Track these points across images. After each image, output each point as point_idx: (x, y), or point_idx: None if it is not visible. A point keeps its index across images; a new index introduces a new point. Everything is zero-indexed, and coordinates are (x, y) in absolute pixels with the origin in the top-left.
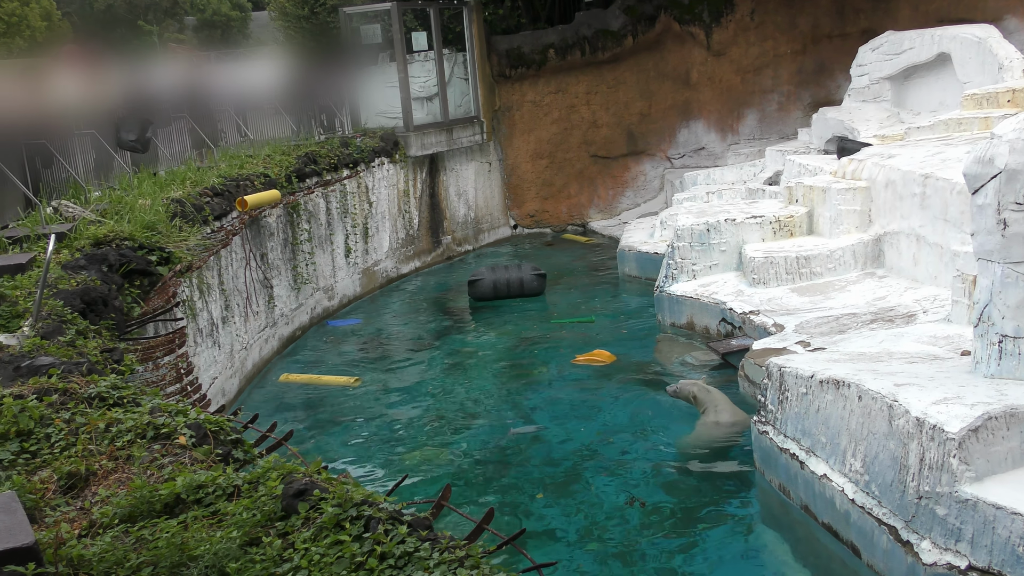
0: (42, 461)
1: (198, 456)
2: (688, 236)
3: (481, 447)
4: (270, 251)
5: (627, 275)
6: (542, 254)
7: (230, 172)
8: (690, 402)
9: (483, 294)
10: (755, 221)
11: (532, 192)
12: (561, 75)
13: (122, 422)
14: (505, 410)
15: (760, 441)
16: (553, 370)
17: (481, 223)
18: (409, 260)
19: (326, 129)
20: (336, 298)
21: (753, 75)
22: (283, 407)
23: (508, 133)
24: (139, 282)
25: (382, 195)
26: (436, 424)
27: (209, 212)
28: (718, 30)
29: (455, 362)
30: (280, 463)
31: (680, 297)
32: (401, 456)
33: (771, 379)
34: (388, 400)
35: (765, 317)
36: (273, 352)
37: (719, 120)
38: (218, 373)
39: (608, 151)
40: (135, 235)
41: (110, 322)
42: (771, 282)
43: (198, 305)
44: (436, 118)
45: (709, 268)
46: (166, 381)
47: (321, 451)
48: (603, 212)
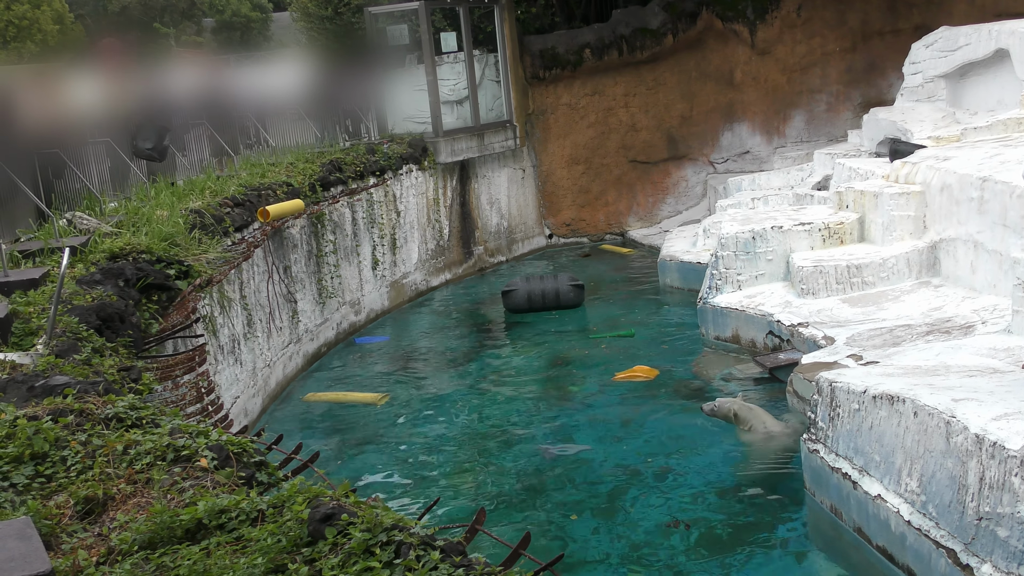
0: (58, 485)
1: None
2: (733, 245)
3: (516, 468)
4: (294, 264)
5: (669, 286)
6: (579, 265)
7: (251, 181)
8: (730, 420)
9: (517, 306)
10: (803, 228)
11: (568, 200)
12: (598, 76)
13: (141, 444)
14: (541, 429)
15: (810, 460)
16: (591, 387)
17: (514, 233)
18: (439, 272)
19: (351, 135)
20: (363, 312)
21: (800, 74)
22: (308, 427)
23: (542, 138)
24: (157, 297)
25: (410, 204)
26: (469, 444)
27: (230, 223)
28: (763, 27)
29: (488, 379)
30: (306, 486)
31: (725, 309)
32: (433, 478)
33: (821, 395)
34: (418, 419)
35: (814, 329)
36: (297, 370)
37: (764, 122)
38: (240, 392)
39: (648, 156)
40: (153, 248)
41: (127, 339)
42: (821, 292)
43: (219, 321)
44: (467, 123)
45: (755, 278)
46: (186, 401)
47: (349, 473)
48: (643, 220)
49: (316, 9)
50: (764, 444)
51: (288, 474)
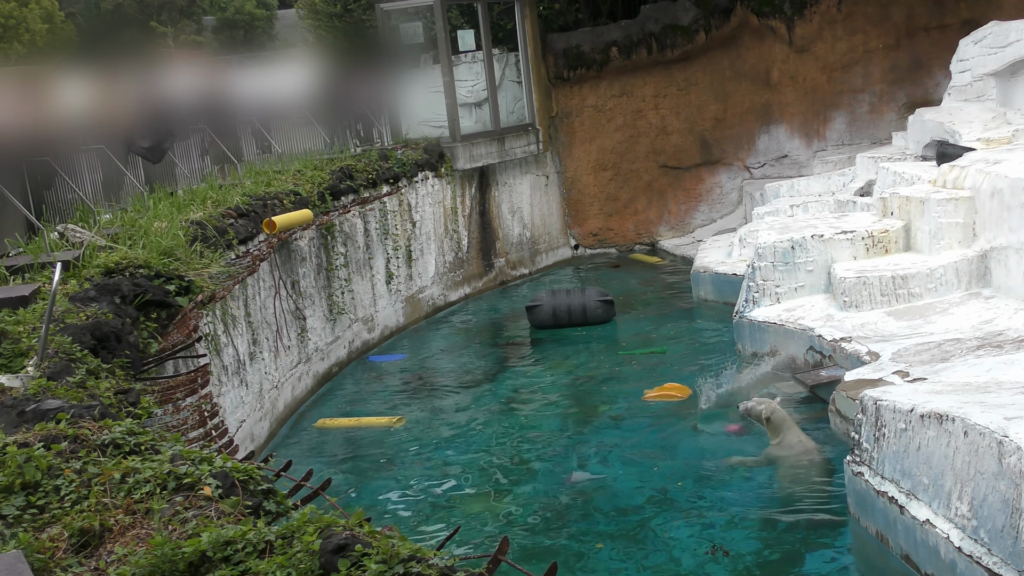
0: (51, 516)
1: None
2: (770, 255)
3: (542, 494)
4: (302, 278)
5: (702, 299)
6: (607, 277)
7: (256, 190)
8: (760, 423)
9: (542, 322)
10: (845, 237)
11: (595, 208)
12: (626, 76)
13: (140, 472)
14: (567, 453)
15: (854, 483)
16: (621, 407)
17: (538, 244)
18: (458, 286)
19: (363, 140)
20: (377, 330)
21: (841, 73)
22: (319, 452)
23: (567, 142)
24: (156, 315)
25: (427, 213)
26: (490, 469)
27: (233, 235)
28: (801, 23)
29: (511, 399)
30: (317, 515)
31: (762, 323)
32: (452, 505)
33: (866, 414)
34: (437, 444)
35: (858, 344)
36: (307, 391)
37: (803, 124)
38: (246, 415)
39: (679, 161)
40: (151, 262)
41: (124, 360)
42: (864, 305)
43: (223, 340)
44: (486, 127)
45: (794, 290)
46: (188, 425)
47: (363, 501)
48: (674, 229)
49: (324, 6)
50: (796, 460)
51: (298, 503)
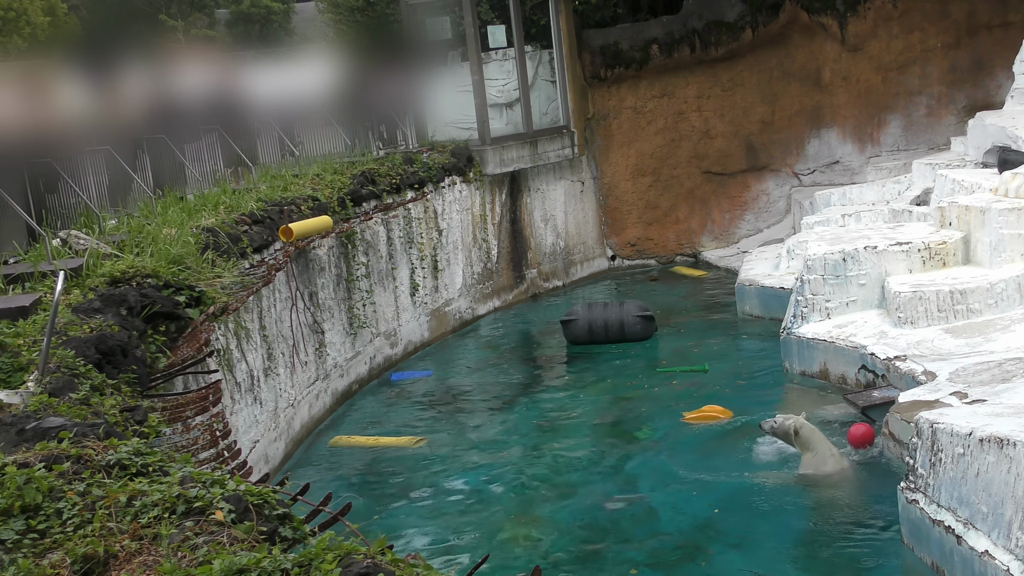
0: (52, 542)
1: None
2: (820, 267)
3: (575, 521)
4: (320, 289)
5: (747, 314)
6: (645, 290)
7: (272, 195)
8: (789, 441)
9: (577, 337)
10: (900, 249)
11: (633, 216)
12: (667, 76)
13: (147, 495)
14: (602, 476)
15: (908, 511)
16: (659, 429)
17: (572, 254)
18: (487, 299)
19: (386, 143)
20: (400, 345)
21: (897, 74)
22: (338, 475)
23: (604, 146)
24: (165, 327)
25: (454, 221)
26: (521, 494)
27: (247, 243)
28: (854, 20)
29: (543, 420)
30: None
31: (811, 340)
32: (480, 532)
33: (921, 437)
34: (464, 466)
35: (913, 363)
36: (325, 410)
37: (856, 128)
38: (260, 435)
39: (724, 166)
40: (159, 271)
41: (131, 375)
42: (920, 321)
43: (235, 355)
44: (518, 129)
45: (846, 305)
46: (199, 445)
47: (385, 527)
48: (718, 239)
49: None
50: (836, 474)
51: (316, 528)
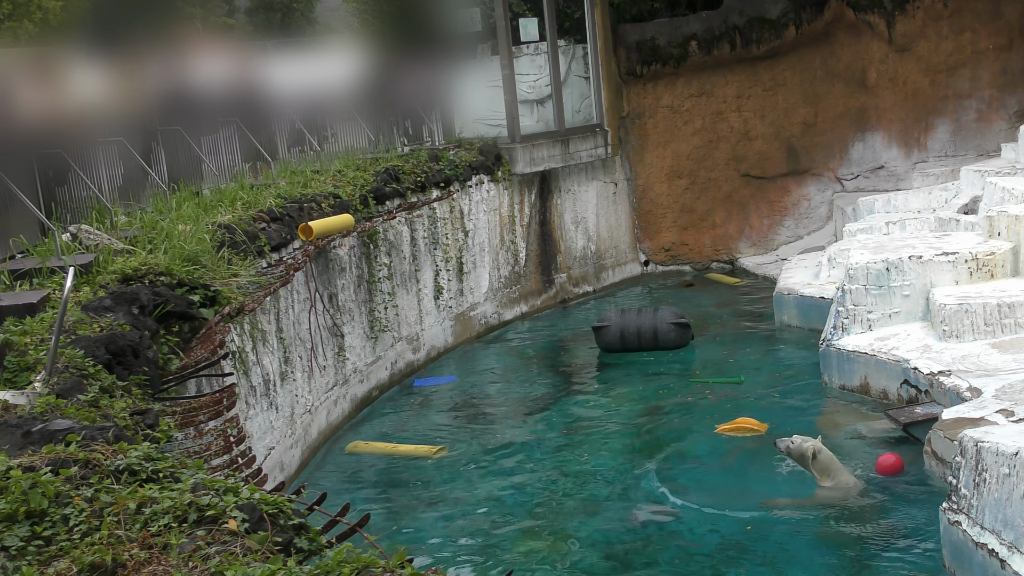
0: (58, 549)
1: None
2: (863, 277)
3: (603, 536)
4: (341, 291)
5: (785, 324)
6: (679, 297)
7: (291, 192)
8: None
9: (609, 344)
10: (947, 259)
11: (668, 220)
12: (705, 74)
13: (157, 502)
14: (631, 491)
15: (950, 533)
16: (692, 442)
17: (604, 258)
18: (514, 303)
19: (411, 139)
20: (422, 350)
21: (946, 76)
22: (356, 484)
23: (638, 146)
24: (178, 328)
25: (481, 222)
26: (547, 506)
27: (265, 241)
28: (902, 19)
29: (571, 430)
30: (354, 555)
31: (852, 353)
32: (504, 546)
33: (965, 456)
34: (488, 476)
35: (958, 379)
36: (343, 416)
37: (902, 132)
38: (276, 442)
39: (763, 170)
40: (173, 269)
41: (142, 377)
42: (966, 335)
43: (251, 357)
44: (549, 126)
45: (888, 317)
46: (212, 451)
47: (405, 539)
48: (756, 246)
49: None
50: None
51: (333, 540)
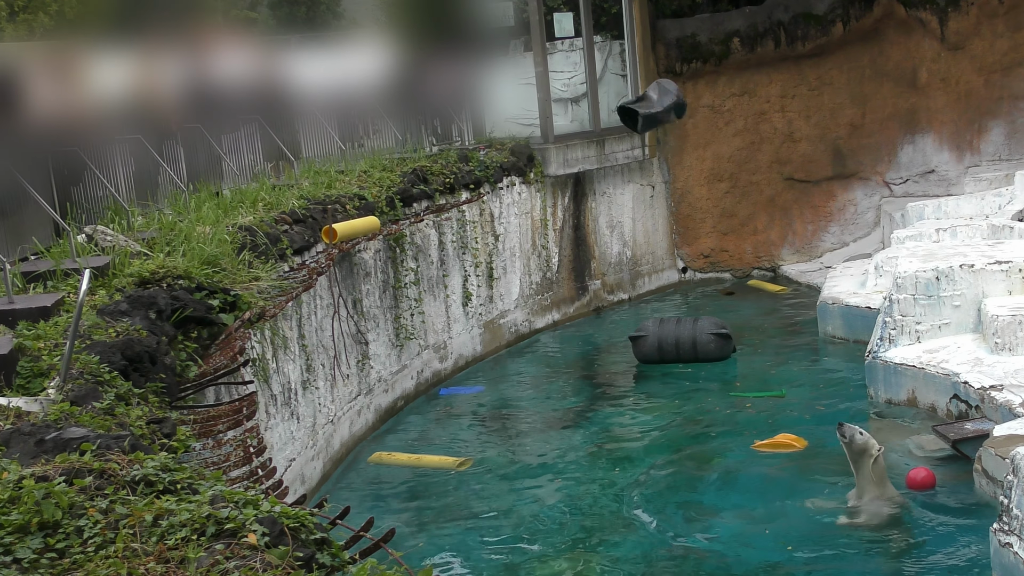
0: (72, 562)
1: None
2: (911, 286)
3: (637, 556)
4: (365, 296)
5: (830, 335)
6: (719, 306)
7: (315, 192)
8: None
9: (647, 355)
10: (1000, 268)
11: (707, 225)
12: (748, 72)
13: (175, 514)
14: (667, 508)
15: (1001, 555)
16: (731, 459)
17: (640, 265)
18: (546, 311)
19: (440, 138)
20: (450, 359)
21: (1001, 76)
22: (380, 497)
23: (677, 147)
24: (196, 333)
25: (512, 225)
26: (577, 523)
27: (287, 244)
28: (955, 16)
29: (604, 444)
30: (378, 571)
31: (899, 366)
32: (533, 565)
33: (1017, 475)
34: (517, 492)
35: (1011, 394)
36: (367, 427)
37: (955, 135)
38: (297, 453)
39: (808, 173)
40: (192, 272)
41: (159, 385)
42: (1019, 348)
43: (272, 365)
44: (584, 126)
45: (938, 328)
46: (231, 462)
47: (430, 555)
48: (800, 253)
49: None
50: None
51: (356, 556)
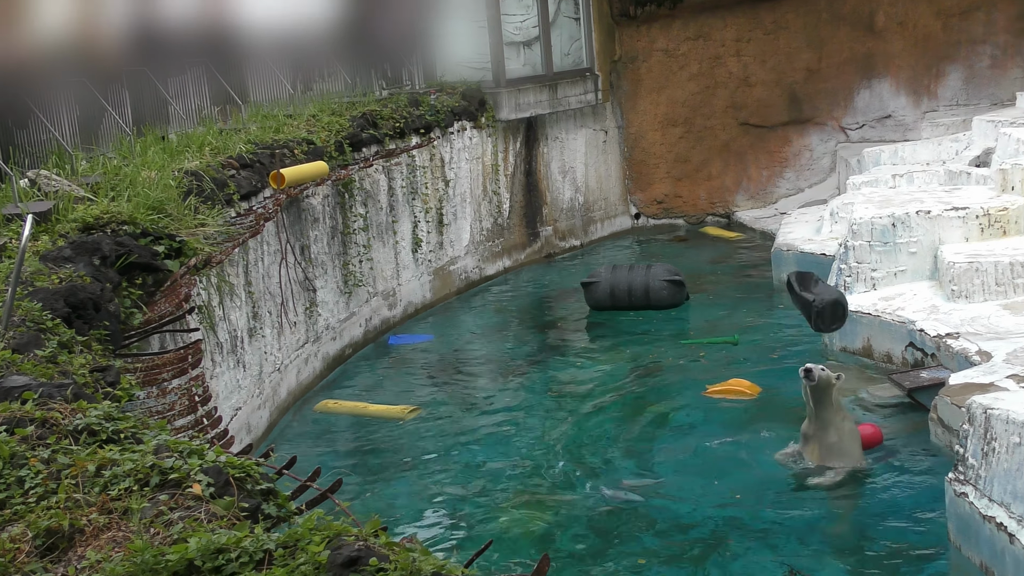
0: (13, 513)
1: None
2: (867, 233)
3: (588, 505)
4: (313, 243)
5: (785, 283)
6: (672, 252)
7: (263, 137)
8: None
9: (599, 302)
10: (956, 215)
11: (661, 171)
12: (703, 16)
13: (118, 464)
14: (618, 457)
15: (956, 505)
16: (681, 406)
17: (592, 211)
18: (496, 258)
19: (390, 82)
20: (399, 306)
21: (959, 20)
22: (327, 447)
23: (631, 92)
24: (141, 280)
25: (462, 171)
26: (528, 474)
27: (234, 190)
28: None
29: (555, 392)
30: (325, 522)
31: (855, 314)
32: (483, 515)
33: (973, 424)
34: (467, 442)
35: (967, 342)
36: (315, 376)
37: (912, 80)
38: (243, 402)
39: (763, 118)
40: (137, 218)
41: (103, 332)
42: (976, 296)
43: (218, 312)
44: (536, 70)
45: (894, 276)
46: (176, 411)
47: (378, 507)
48: (754, 199)
49: None
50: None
51: (303, 506)
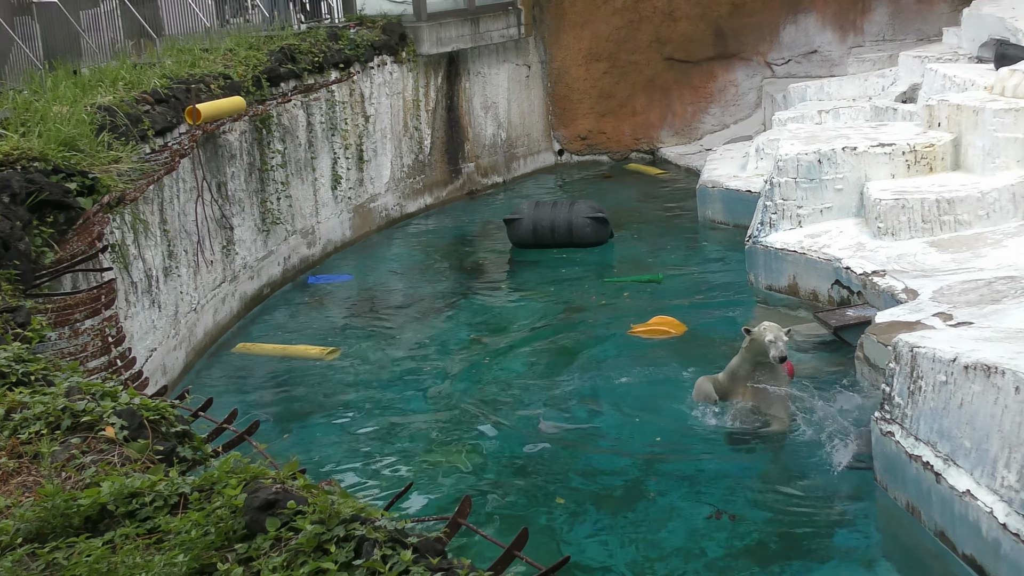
0: None
1: (131, 454)
2: (792, 169)
3: (510, 447)
4: (230, 180)
5: (709, 220)
6: (596, 189)
7: (178, 72)
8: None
9: (521, 239)
10: (883, 151)
11: (585, 106)
12: None
13: (28, 407)
14: (541, 398)
15: (882, 444)
16: (604, 346)
17: (515, 147)
18: (418, 195)
19: (308, 16)
20: (318, 244)
21: None
22: (245, 389)
23: (554, 26)
24: (53, 218)
25: (383, 106)
26: (450, 415)
27: (149, 125)
28: None
29: (477, 332)
30: (242, 464)
31: (780, 251)
32: (404, 457)
33: (899, 363)
34: (388, 383)
35: (893, 280)
36: (232, 316)
37: (837, 14)
38: (158, 343)
39: (688, 53)
40: (48, 154)
41: (13, 272)
42: (902, 233)
43: (132, 251)
44: (458, 4)
45: (819, 213)
46: (88, 353)
47: (296, 449)
48: (679, 135)
49: None
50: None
51: (219, 449)
